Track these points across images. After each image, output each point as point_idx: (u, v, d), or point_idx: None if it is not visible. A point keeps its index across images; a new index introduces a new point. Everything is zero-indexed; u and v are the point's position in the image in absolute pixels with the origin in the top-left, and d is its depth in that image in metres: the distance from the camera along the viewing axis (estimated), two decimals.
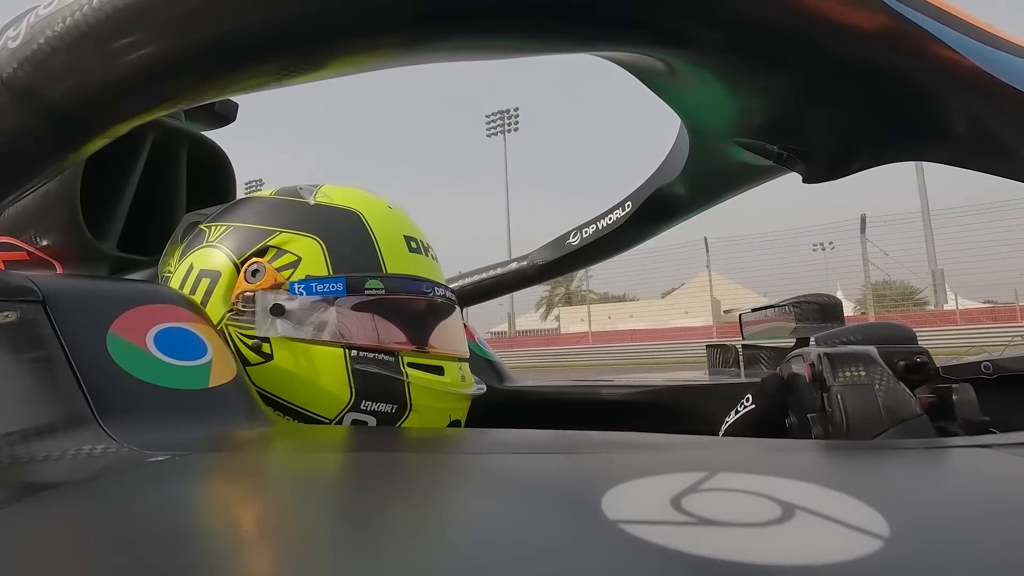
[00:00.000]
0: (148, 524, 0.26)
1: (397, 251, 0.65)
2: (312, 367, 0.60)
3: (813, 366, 0.55)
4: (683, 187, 0.85)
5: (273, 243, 0.62)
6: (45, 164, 0.44)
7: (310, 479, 0.34)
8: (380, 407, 0.61)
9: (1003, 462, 0.30)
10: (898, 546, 0.19)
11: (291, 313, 0.60)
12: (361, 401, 0.60)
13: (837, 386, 0.50)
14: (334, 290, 0.60)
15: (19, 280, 0.46)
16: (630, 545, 0.20)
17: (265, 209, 0.66)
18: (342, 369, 0.60)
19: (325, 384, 0.60)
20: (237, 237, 0.64)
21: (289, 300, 0.60)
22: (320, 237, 0.62)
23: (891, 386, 0.50)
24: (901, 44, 0.37)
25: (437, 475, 0.34)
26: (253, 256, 0.62)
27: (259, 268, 0.61)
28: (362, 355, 0.60)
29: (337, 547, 0.22)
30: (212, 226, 0.66)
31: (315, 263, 0.61)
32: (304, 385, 0.60)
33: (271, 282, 0.61)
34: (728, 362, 1.23)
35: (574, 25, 0.38)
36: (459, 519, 0.25)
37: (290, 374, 0.60)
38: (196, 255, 0.65)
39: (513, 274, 1.21)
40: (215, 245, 0.64)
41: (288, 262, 0.61)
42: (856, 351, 0.54)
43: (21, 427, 0.38)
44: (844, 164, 0.53)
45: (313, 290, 0.60)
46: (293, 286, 0.60)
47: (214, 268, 0.63)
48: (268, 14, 0.34)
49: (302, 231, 0.63)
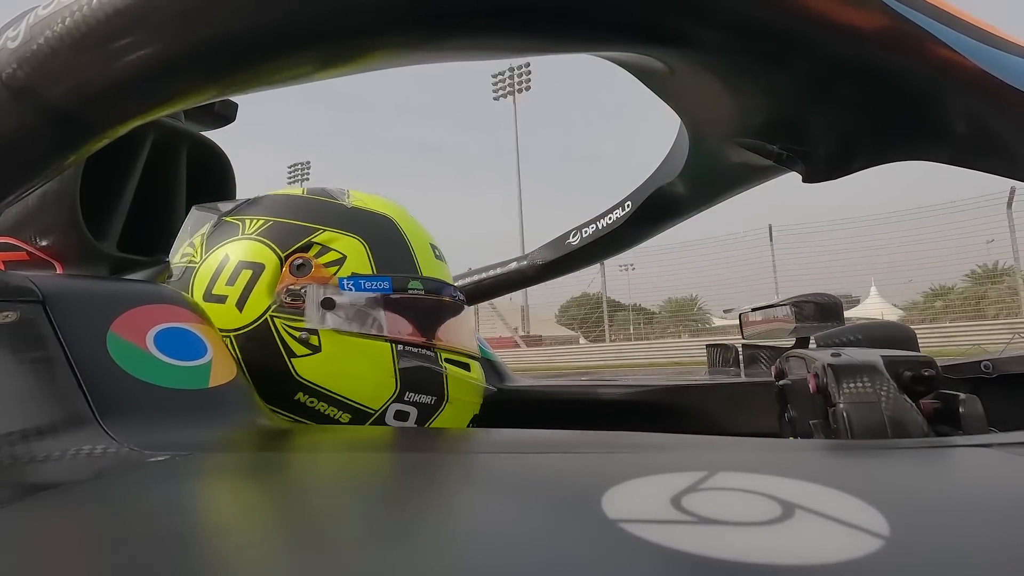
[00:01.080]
0: (148, 524, 0.26)
1: (427, 256, 0.70)
2: (360, 360, 0.63)
3: (817, 377, 0.55)
4: (683, 187, 0.85)
5: (318, 240, 0.64)
6: (45, 164, 0.44)
7: (309, 479, 0.34)
8: (421, 398, 0.65)
9: (1003, 462, 0.30)
10: (898, 546, 0.19)
11: (341, 307, 0.62)
12: (405, 392, 0.64)
13: (843, 404, 0.50)
14: (381, 288, 0.64)
15: (19, 280, 0.46)
16: (630, 544, 0.20)
17: (305, 207, 0.68)
18: (389, 362, 0.63)
19: (372, 376, 0.63)
20: (280, 231, 0.65)
21: (339, 295, 0.63)
22: (363, 238, 0.66)
23: (897, 402, 0.49)
24: (901, 44, 0.37)
25: (437, 474, 0.34)
26: (298, 251, 0.64)
27: (304, 263, 0.63)
28: (407, 349, 0.64)
29: (337, 547, 0.22)
30: (247, 219, 0.67)
31: (360, 262, 0.65)
32: (352, 377, 0.63)
33: (318, 277, 0.63)
34: (728, 362, 1.23)
35: (574, 25, 0.38)
36: (459, 518, 0.25)
37: (338, 366, 0.62)
38: (233, 246, 0.65)
39: (513, 274, 1.21)
40: (255, 238, 0.65)
41: (333, 259, 0.64)
42: (861, 363, 0.53)
43: (21, 427, 0.38)
44: (844, 164, 0.53)
45: (361, 287, 0.63)
46: (342, 282, 0.63)
47: (256, 260, 0.63)
48: (268, 14, 0.34)
49: (346, 231, 0.65)
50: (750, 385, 0.92)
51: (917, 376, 0.56)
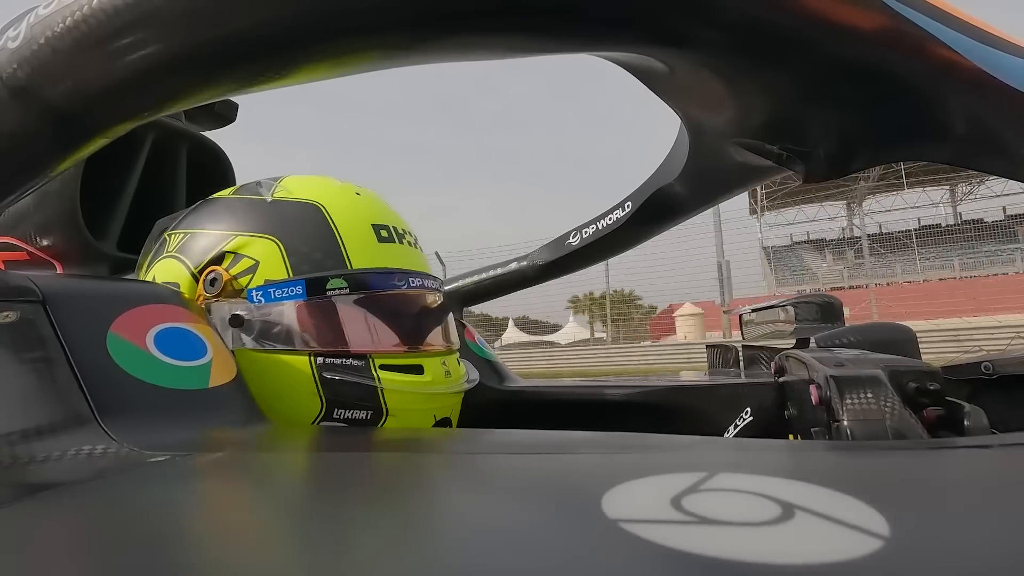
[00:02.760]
0: (148, 524, 0.26)
1: (364, 242, 0.61)
2: (279, 378, 0.57)
3: (820, 388, 0.54)
4: (683, 187, 0.85)
5: (229, 248, 0.59)
6: (45, 164, 0.44)
7: (310, 479, 0.34)
8: (354, 414, 0.58)
9: (1003, 462, 0.30)
10: (898, 546, 0.19)
11: (251, 323, 0.57)
12: (333, 410, 0.58)
13: (847, 420, 0.49)
14: (294, 294, 0.57)
15: (19, 280, 0.46)
16: (630, 544, 0.20)
17: (221, 212, 0.63)
18: (309, 378, 0.57)
19: (294, 395, 0.57)
20: (194, 245, 0.61)
21: (247, 309, 0.57)
22: (277, 237, 0.59)
23: (902, 418, 0.49)
24: (901, 44, 0.37)
25: (437, 476, 0.34)
26: (210, 264, 0.59)
27: (216, 276, 0.58)
28: (328, 362, 0.57)
29: (337, 547, 0.22)
30: (172, 234, 0.64)
31: (273, 266, 0.58)
32: (273, 397, 0.56)
33: (230, 291, 0.58)
34: (728, 362, 1.23)
35: (574, 25, 0.38)
36: (459, 519, 0.25)
37: (257, 387, 0.56)
38: (158, 267, 0.63)
39: (513, 274, 1.21)
40: (174, 255, 0.62)
41: (246, 267, 0.58)
42: (864, 375, 0.52)
43: (21, 427, 0.38)
44: (844, 164, 0.53)
45: (271, 296, 0.57)
46: (251, 293, 0.58)
47: (173, 280, 0.61)
48: (269, 14, 0.34)
49: (258, 232, 0.59)
50: (750, 385, 0.92)
51: (921, 388, 0.56)
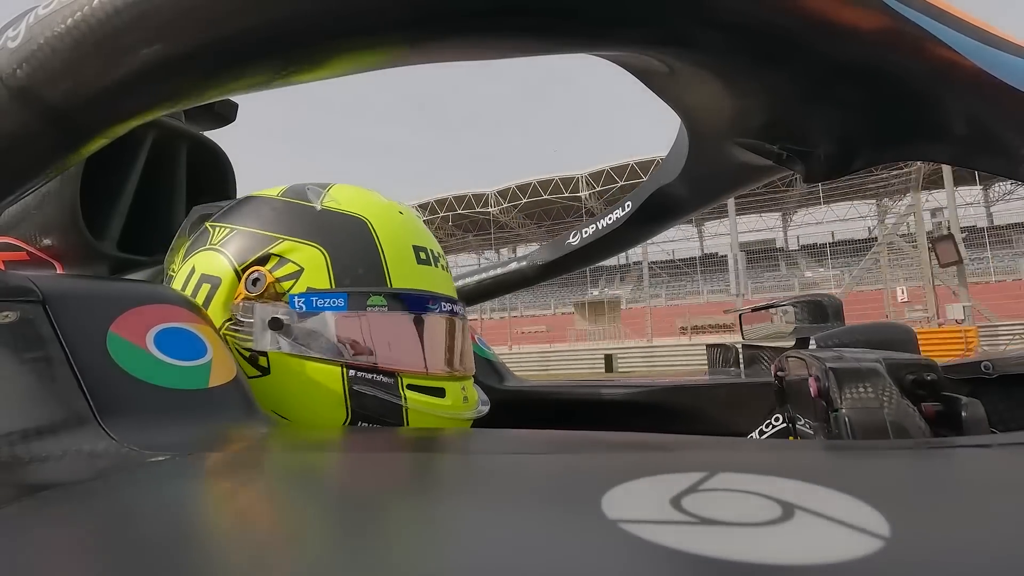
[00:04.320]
0: (147, 524, 0.26)
1: (404, 262, 0.63)
2: (309, 384, 0.58)
3: (819, 380, 0.55)
4: (683, 187, 0.85)
5: (276, 251, 0.60)
6: (45, 164, 0.44)
7: (310, 480, 0.34)
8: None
9: (1003, 462, 0.30)
10: (898, 546, 0.19)
11: (289, 328, 0.58)
12: (357, 422, 0.59)
13: (845, 409, 0.50)
14: (335, 306, 0.58)
15: (19, 280, 0.46)
16: (630, 544, 0.20)
17: (270, 213, 0.64)
18: (339, 388, 0.58)
19: (321, 402, 0.58)
20: (240, 242, 0.62)
21: (288, 314, 0.58)
22: (324, 247, 0.60)
23: (900, 407, 0.49)
24: (900, 44, 0.37)
25: (438, 475, 0.34)
26: (255, 264, 0.60)
27: (260, 277, 0.59)
28: (360, 375, 0.58)
29: (337, 548, 0.22)
30: (217, 227, 0.65)
31: (317, 275, 0.59)
32: (301, 402, 0.58)
33: (272, 293, 0.59)
34: (728, 362, 1.23)
35: (574, 25, 0.38)
36: (459, 519, 0.25)
37: (287, 390, 0.58)
38: (199, 257, 0.64)
39: (513, 274, 1.21)
40: (218, 249, 0.62)
41: (290, 272, 0.59)
42: (863, 367, 0.53)
43: (21, 427, 0.38)
44: (844, 163, 0.53)
45: (313, 304, 0.58)
46: (293, 299, 0.59)
47: (215, 274, 0.61)
48: (268, 14, 0.34)
49: (306, 240, 0.60)
50: (750, 385, 0.93)
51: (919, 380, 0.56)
